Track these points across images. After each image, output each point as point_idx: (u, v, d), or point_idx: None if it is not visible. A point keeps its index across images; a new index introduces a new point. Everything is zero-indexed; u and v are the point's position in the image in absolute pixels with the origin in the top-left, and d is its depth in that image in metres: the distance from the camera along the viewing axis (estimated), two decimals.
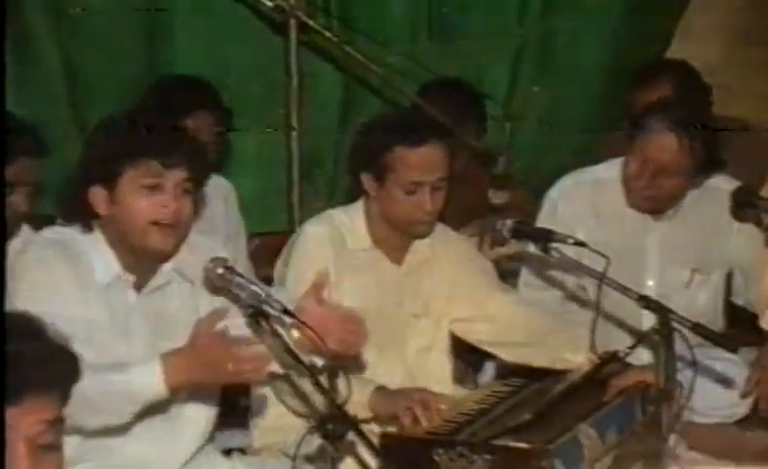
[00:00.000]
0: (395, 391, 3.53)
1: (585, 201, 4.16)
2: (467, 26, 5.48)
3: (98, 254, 3.14)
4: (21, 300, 2.88)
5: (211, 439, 3.38)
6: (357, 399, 3.34)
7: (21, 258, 3.08)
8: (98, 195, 3.11)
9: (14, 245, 3.37)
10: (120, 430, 3.07)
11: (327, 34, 4.99)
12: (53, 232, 3.20)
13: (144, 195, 3.09)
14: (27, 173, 3.68)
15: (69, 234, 3.16)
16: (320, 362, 3.13)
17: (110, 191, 3.09)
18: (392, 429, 3.38)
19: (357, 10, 5.33)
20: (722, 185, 4.18)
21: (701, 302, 4.19)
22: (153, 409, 3.08)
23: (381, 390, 3.49)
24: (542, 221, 4.08)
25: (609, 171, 4.17)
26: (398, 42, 5.33)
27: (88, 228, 3.15)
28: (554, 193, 4.22)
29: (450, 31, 5.46)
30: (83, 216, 3.15)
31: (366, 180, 3.65)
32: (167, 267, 3.22)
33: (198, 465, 3.28)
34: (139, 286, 3.19)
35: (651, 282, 4.10)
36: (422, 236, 3.71)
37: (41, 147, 3.76)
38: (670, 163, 3.93)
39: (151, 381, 2.93)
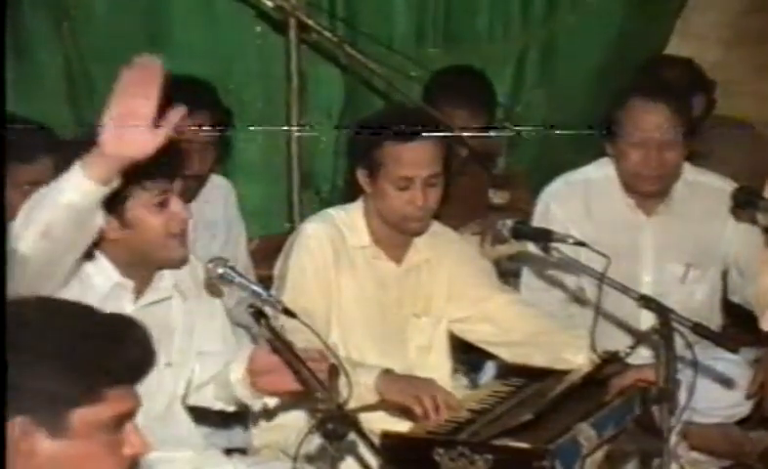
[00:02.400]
0: (402, 376, 3.54)
1: (577, 202, 4.17)
2: (473, 31, 5.47)
3: (95, 265, 3.13)
4: None
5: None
6: (363, 381, 3.37)
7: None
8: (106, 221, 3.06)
9: None
10: None
11: (327, 34, 4.98)
12: None
13: (156, 213, 3.11)
14: (47, 173, 3.61)
15: None
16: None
17: (119, 215, 3.08)
18: (397, 418, 3.42)
19: (362, 13, 5.31)
20: (714, 182, 4.20)
21: (697, 298, 4.19)
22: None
23: (388, 373, 3.49)
24: (536, 224, 4.08)
25: (599, 171, 4.18)
26: (403, 46, 5.33)
27: (90, 255, 3.10)
28: (546, 196, 4.22)
29: (456, 36, 5.45)
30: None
31: (361, 176, 3.65)
32: (168, 283, 3.23)
33: (199, 465, 3.28)
34: (138, 293, 3.20)
35: (647, 278, 4.12)
36: (416, 234, 3.70)
37: (57, 143, 3.72)
38: (669, 132, 3.96)
39: (75, 179, 2.81)
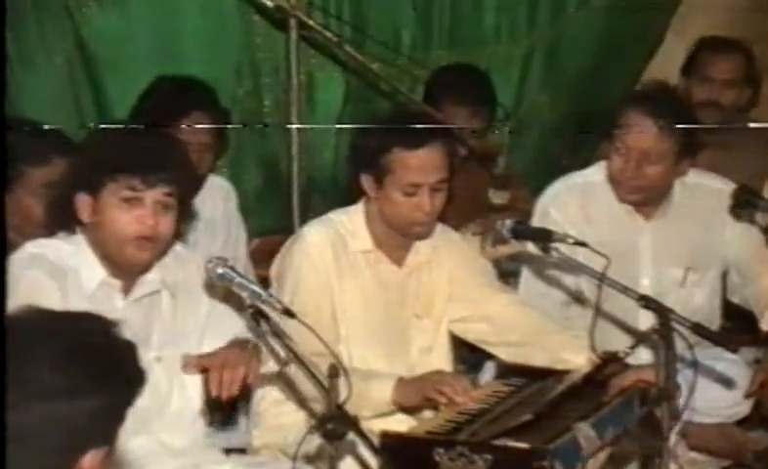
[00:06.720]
0: (415, 379, 3.56)
1: (576, 205, 4.16)
2: (479, 33, 5.48)
3: (83, 260, 3.16)
4: None
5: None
6: (379, 394, 3.43)
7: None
8: (83, 202, 3.15)
9: None
10: None
11: (328, 34, 4.97)
12: (35, 245, 3.19)
13: (123, 209, 3.12)
14: (61, 174, 3.62)
15: (52, 245, 3.17)
16: None
17: (94, 199, 3.13)
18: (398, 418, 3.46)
19: (369, 16, 5.31)
20: (713, 183, 4.19)
21: (696, 300, 4.18)
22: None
23: (401, 382, 3.52)
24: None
25: (598, 174, 4.17)
26: (410, 48, 5.33)
27: (71, 231, 3.17)
28: (545, 200, 4.21)
29: (462, 38, 5.45)
30: (68, 221, 3.17)
31: (366, 181, 3.64)
32: (153, 277, 3.24)
33: (198, 464, 3.28)
34: (126, 291, 3.22)
35: (646, 282, 4.10)
36: (422, 238, 3.70)
37: (70, 144, 3.73)
38: (652, 149, 3.93)
39: None
